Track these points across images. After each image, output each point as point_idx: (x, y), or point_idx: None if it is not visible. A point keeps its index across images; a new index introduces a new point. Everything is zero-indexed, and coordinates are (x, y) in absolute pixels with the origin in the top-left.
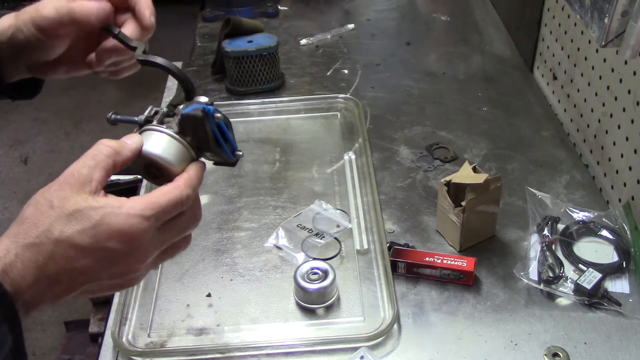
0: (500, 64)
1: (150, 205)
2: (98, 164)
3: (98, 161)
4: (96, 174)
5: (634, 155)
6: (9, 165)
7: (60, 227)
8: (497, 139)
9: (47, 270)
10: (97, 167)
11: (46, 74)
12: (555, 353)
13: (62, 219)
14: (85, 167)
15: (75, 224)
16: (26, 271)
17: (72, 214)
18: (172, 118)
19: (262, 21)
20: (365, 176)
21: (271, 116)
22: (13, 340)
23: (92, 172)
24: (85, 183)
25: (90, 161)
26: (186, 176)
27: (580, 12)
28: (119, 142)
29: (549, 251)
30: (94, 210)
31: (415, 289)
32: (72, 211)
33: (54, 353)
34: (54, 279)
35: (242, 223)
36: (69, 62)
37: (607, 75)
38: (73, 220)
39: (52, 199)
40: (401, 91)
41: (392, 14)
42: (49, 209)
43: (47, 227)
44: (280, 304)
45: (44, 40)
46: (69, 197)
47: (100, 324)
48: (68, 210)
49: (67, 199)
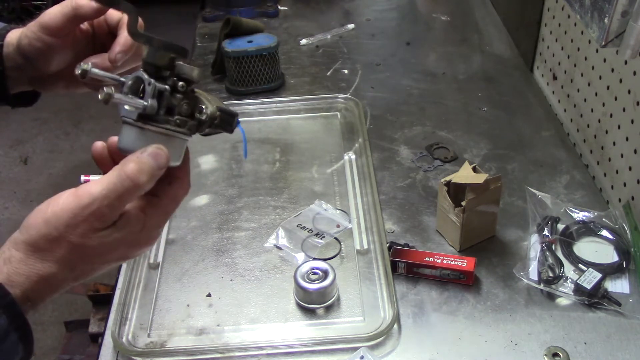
0: (500, 64)
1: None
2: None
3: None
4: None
5: (634, 155)
6: (9, 165)
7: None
8: (497, 139)
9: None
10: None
11: (46, 87)
12: (555, 353)
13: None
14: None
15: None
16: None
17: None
18: (163, 81)
19: (262, 21)
20: (365, 176)
21: (271, 116)
22: (24, 350)
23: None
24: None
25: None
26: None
27: (580, 12)
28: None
29: (549, 251)
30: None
31: (415, 289)
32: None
33: (54, 353)
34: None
35: (242, 223)
36: (68, 77)
37: (607, 75)
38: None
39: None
40: (401, 91)
41: (392, 14)
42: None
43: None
44: (280, 304)
45: (47, 42)
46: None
47: (100, 324)
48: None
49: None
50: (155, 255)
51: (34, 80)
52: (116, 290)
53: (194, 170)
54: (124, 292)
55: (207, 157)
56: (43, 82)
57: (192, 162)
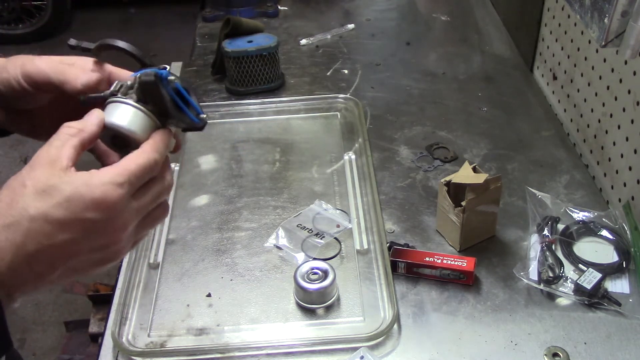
0: (500, 64)
1: (121, 172)
2: (64, 142)
3: (64, 140)
4: (64, 151)
5: (634, 155)
6: (9, 165)
7: (34, 204)
8: (497, 139)
9: (25, 248)
10: (64, 146)
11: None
12: (555, 353)
13: (35, 195)
14: (53, 147)
15: (49, 198)
16: (3, 252)
17: (45, 190)
18: (134, 89)
19: (262, 21)
20: (365, 176)
21: (271, 116)
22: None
23: (60, 151)
24: (55, 161)
25: (56, 142)
26: (151, 142)
27: (580, 12)
28: (81, 120)
29: (549, 251)
30: (66, 183)
31: (415, 289)
32: (45, 187)
33: (54, 353)
34: (33, 257)
35: (242, 223)
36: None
37: (607, 75)
38: (46, 196)
39: (24, 180)
40: (401, 91)
41: (392, 14)
42: (22, 188)
43: (22, 205)
44: (280, 304)
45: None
46: (40, 175)
47: (100, 324)
48: (41, 187)
49: (38, 177)
50: (155, 255)
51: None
52: (116, 290)
53: (194, 170)
54: (124, 292)
55: (207, 157)
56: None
57: (192, 162)
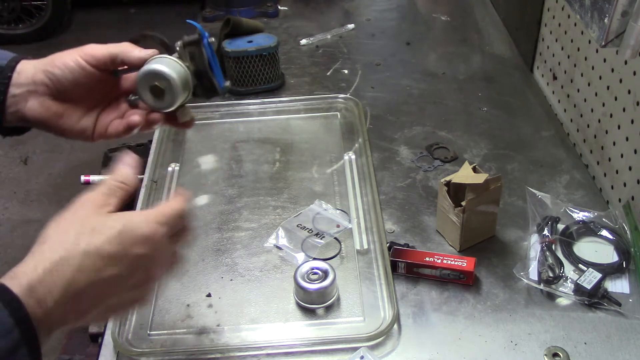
0: (500, 64)
1: (162, 213)
2: (113, 192)
3: (113, 190)
4: (112, 200)
5: (634, 155)
6: (9, 165)
7: (86, 240)
8: (497, 139)
9: (75, 283)
10: (111, 195)
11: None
12: (555, 353)
13: (86, 232)
14: (100, 194)
15: (100, 235)
16: (54, 286)
17: (95, 228)
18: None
19: (262, 21)
20: (365, 176)
21: (271, 116)
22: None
23: (108, 198)
24: (103, 206)
25: (104, 189)
26: (180, 196)
27: (580, 12)
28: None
29: (549, 251)
30: (115, 221)
31: (415, 289)
32: (95, 225)
33: (54, 353)
34: (81, 293)
35: (242, 223)
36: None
37: (607, 75)
38: (97, 233)
39: (72, 219)
40: (401, 91)
41: (392, 14)
42: (71, 225)
43: (73, 242)
44: (280, 304)
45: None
46: (90, 216)
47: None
48: (91, 225)
49: (88, 217)
50: None
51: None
52: None
53: (194, 170)
54: None
55: (207, 157)
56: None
57: (192, 162)
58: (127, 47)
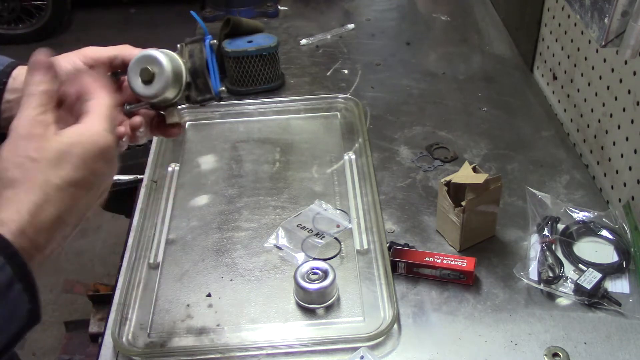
0: (500, 64)
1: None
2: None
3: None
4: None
5: (634, 155)
6: None
7: (55, 173)
8: (497, 139)
9: (60, 217)
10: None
11: None
12: (555, 353)
13: (52, 165)
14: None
15: (66, 164)
16: (43, 225)
17: (58, 158)
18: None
19: (262, 21)
20: (365, 176)
21: (271, 116)
22: (29, 301)
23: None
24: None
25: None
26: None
27: (580, 12)
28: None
29: (549, 251)
30: (71, 145)
31: (415, 289)
32: (57, 155)
33: (54, 353)
34: (66, 220)
35: (242, 223)
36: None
37: (607, 75)
38: (63, 162)
39: (28, 154)
40: (401, 91)
41: (392, 14)
42: (33, 162)
43: (45, 177)
44: (280, 304)
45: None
46: (44, 145)
47: (100, 324)
48: (53, 157)
49: (43, 147)
50: (155, 255)
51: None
52: (116, 290)
53: (194, 170)
54: (124, 292)
55: (207, 157)
56: None
57: (192, 162)
58: (127, 48)
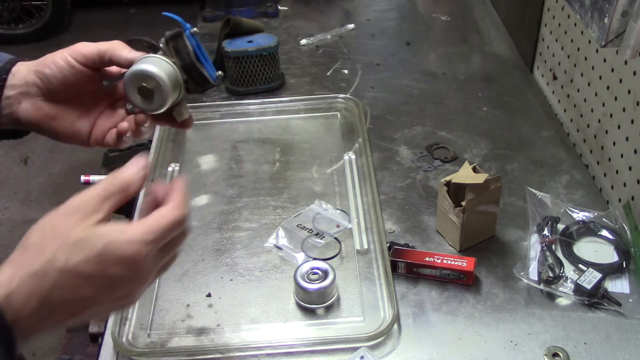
0: (500, 64)
1: (152, 229)
2: (108, 196)
3: (109, 194)
4: (105, 205)
5: (634, 155)
6: (9, 165)
7: (65, 255)
8: (497, 139)
9: (50, 299)
10: (107, 199)
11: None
12: (555, 353)
13: (67, 247)
14: (96, 197)
15: (80, 252)
16: (29, 300)
17: (76, 243)
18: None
19: (262, 21)
20: (365, 176)
21: (271, 116)
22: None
23: (101, 203)
24: (93, 213)
25: (102, 192)
26: (178, 199)
27: (580, 12)
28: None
29: (549, 251)
30: (97, 238)
31: (415, 289)
32: (77, 240)
33: (54, 353)
34: (57, 307)
35: (242, 223)
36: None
37: (607, 75)
38: (77, 249)
39: (57, 227)
40: (401, 91)
41: (392, 14)
42: (53, 238)
43: (51, 256)
44: (280, 304)
45: (72, 65)
46: (75, 226)
47: (100, 324)
48: (73, 239)
49: (72, 228)
50: None
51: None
52: None
53: (194, 170)
54: None
55: (207, 157)
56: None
57: (192, 162)
58: (117, 46)
